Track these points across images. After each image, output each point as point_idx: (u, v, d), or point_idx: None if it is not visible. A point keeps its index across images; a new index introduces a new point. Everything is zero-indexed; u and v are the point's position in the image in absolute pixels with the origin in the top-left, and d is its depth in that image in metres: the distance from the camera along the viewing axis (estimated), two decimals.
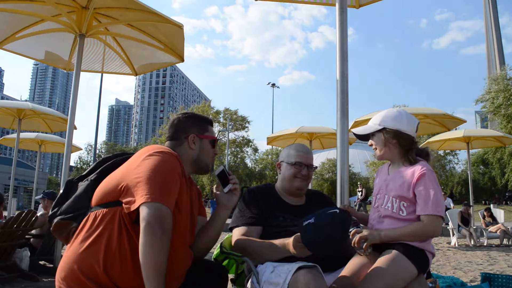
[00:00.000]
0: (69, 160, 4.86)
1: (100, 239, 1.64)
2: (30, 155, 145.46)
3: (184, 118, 2.08)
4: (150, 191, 1.58)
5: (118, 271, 1.62)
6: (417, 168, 1.91)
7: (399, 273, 1.78)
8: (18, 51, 5.40)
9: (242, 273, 2.28)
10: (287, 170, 2.35)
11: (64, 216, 1.82)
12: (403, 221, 1.90)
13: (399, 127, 2.00)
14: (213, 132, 2.12)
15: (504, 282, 2.97)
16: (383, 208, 1.98)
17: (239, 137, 45.42)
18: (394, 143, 2.01)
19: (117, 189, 1.69)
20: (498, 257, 7.47)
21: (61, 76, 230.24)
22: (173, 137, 2.04)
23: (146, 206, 1.55)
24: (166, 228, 1.54)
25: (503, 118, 29.17)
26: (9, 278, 4.39)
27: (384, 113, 2.06)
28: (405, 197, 1.90)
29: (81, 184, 1.92)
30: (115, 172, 1.81)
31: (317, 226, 1.72)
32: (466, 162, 36.81)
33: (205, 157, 2.02)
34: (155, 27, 5.04)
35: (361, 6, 3.91)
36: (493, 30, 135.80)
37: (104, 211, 1.69)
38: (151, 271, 1.49)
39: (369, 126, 2.10)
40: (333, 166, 46.73)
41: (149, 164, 1.68)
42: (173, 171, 1.72)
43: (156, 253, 1.50)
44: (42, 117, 9.33)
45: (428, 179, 1.87)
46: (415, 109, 9.60)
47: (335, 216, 1.75)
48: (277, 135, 11.98)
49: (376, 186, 2.11)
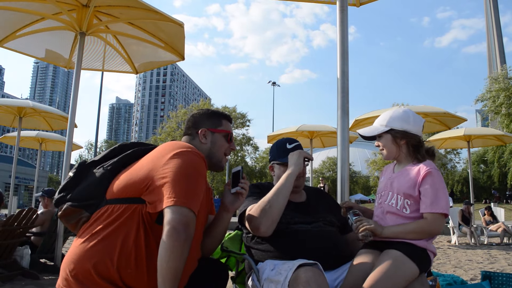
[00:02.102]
0: (69, 158, 4.87)
1: (116, 236, 1.60)
2: (30, 153, 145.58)
3: (198, 113, 2.05)
4: (178, 194, 1.54)
5: (133, 271, 1.59)
6: (422, 167, 1.92)
7: (402, 274, 1.78)
8: (19, 49, 5.41)
9: (243, 271, 2.28)
10: (282, 171, 2.26)
11: (75, 203, 1.75)
12: (406, 218, 1.91)
13: (406, 128, 2.00)
14: (229, 126, 2.05)
15: (505, 280, 2.96)
16: (386, 205, 1.98)
17: (239, 135, 45.41)
18: (402, 144, 2.02)
19: (141, 185, 1.64)
20: (499, 256, 7.48)
21: (62, 74, 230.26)
22: (186, 132, 2.02)
23: (172, 210, 1.52)
24: (189, 234, 1.52)
25: (504, 117, 29.16)
26: (9, 276, 4.40)
27: (390, 114, 2.06)
28: (410, 195, 1.91)
29: (96, 171, 1.82)
30: (139, 165, 1.74)
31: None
32: (466, 161, 36.78)
33: (217, 152, 1.98)
34: (156, 25, 5.03)
35: (361, 4, 3.90)
36: (494, 29, 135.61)
37: (123, 206, 1.64)
38: (168, 276, 1.46)
39: (375, 127, 2.09)
40: (333, 165, 46.81)
41: (177, 164, 1.63)
42: (200, 174, 1.68)
43: (177, 259, 1.47)
44: (43, 115, 9.35)
45: (434, 178, 1.88)
46: (416, 108, 9.60)
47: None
48: (278, 133, 11.98)
49: (381, 184, 2.11)
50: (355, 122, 9.25)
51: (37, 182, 13.48)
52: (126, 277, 1.58)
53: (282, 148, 2.34)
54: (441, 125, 9.91)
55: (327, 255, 2.03)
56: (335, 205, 2.43)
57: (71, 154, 4.92)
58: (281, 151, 2.33)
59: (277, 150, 2.36)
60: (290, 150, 2.28)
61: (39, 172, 14.88)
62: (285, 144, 2.34)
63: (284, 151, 2.31)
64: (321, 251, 2.02)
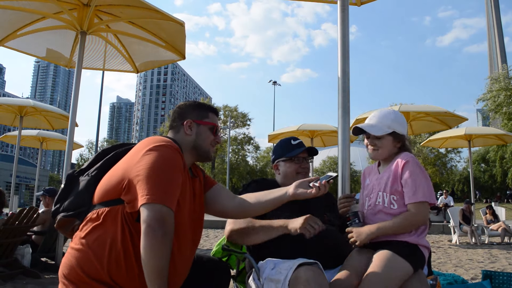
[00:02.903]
0: (70, 158, 4.86)
1: (103, 239, 1.61)
2: (31, 152, 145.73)
3: (184, 104, 2.03)
4: (150, 191, 1.54)
5: (123, 272, 1.60)
6: (400, 159, 1.97)
7: (394, 273, 1.77)
8: (20, 48, 5.41)
9: (243, 270, 2.29)
10: (287, 168, 2.36)
11: (67, 213, 1.79)
12: (395, 215, 1.92)
13: (403, 132, 2.09)
14: (215, 119, 2.02)
15: (505, 279, 2.96)
16: (374, 205, 2.01)
17: (240, 135, 45.42)
18: (397, 146, 2.08)
19: (118, 187, 1.65)
20: (499, 255, 7.47)
21: (63, 73, 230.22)
22: (172, 125, 1.99)
23: (146, 208, 1.52)
24: (167, 230, 1.51)
25: (504, 116, 29.14)
26: (10, 274, 4.41)
27: (393, 117, 2.10)
28: (395, 190, 1.94)
29: (82, 179, 1.86)
30: (116, 167, 1.76)
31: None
32: (467, 160, 36.76)
33: (203, 143, 1.94)
34: (156, 25, 5.03)
35: (362, 3, 3.89)
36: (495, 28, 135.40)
37: (106, 210, 1.66)
38: (153, 274, 1.47)
39: (379, 127, 2.09)
40: (334, 164, 46.79)
41: (149, 160, 1.62)
42: (173, 167, 1.67)
43: (157, 256, 1.47)
44: (44, 115, 9.36)
45: (412, 167, 1.92)
46: (417, 107, 9.61)
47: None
48: (279, 132, 11.98)
49: (368, 187, 2.12)
50: (356, 122, 9.24)
51: (38, 181, 13.52)
52: (118, 278, 1.60)
53: (287, 144, 2.42)
54: (442, 124, 9.91)
55: (327, 254, 2.04)
56: (335, 204, 2.43)
57: (72, 153, 4.91)
58: (285, 148, 2.41)
59: (282, 148, 2.43)
60: (296, 146, 2.38)
61: (40, 171, 14.90)
62: (290, 141, 2.43)
63: (290, 146, 2.39)
64: (321, 250, 2.03)
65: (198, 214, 1.92)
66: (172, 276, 1.61)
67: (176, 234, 1.63)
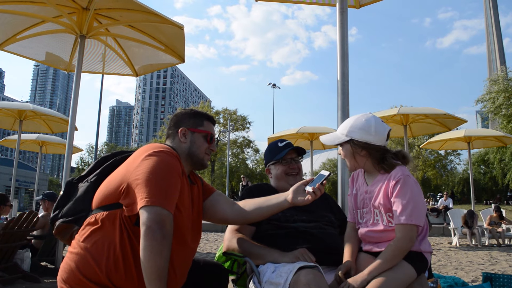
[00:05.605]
0: (70, 161, 4.86)
1: (101, 242, 1.63)
2: (31, 156, 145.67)
3: (180, 113, 2.06)
4: (150, 194, 1.56)
5: (122, 275, 1.61)
6: (392, 177, 1.85)
7: (399, 278, 1.77)
8: (19, 52, 5.42)
9: (244, 274, 2.28)
10: (277, 170, 2.37)
11: (65, 219, 1.81)
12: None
13: (367, 139, 1.89)
14: (211, 127, 2.05)
15: (506, 282, 2.96)
16: (373, 224, 1.93)
17: (239, 138, 45.44)
18: (363, 155, 1.93)
19: (117, 191, 1.67)
20: (500, 257, 7.46)
21: (62, 77, 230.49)
22: (168, 133, 2.03)
23: (145, 210, 1.53)
24: (166, 232, 1.53)
25: (503, 118, 29.17)
26: (10, 279, 4.39)
27: (352, 122, 1.95)
28: (389, 209, 1.86)
29: (81, 185, 1.89)
30: (115, 172, 1.78)
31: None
32: (467, 162, 36.76)
33: (196, 151, 1.96)
34: (156, 28, 5.04)
35: (361, 6, 3.91)
36: (494, 30, 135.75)
37: (105, 214, 1.67)
38: (152, 276, 1.48)
39: (336, 135, 2.00)
40: (334, 167, 46.77)
41: (148, 165, 1.65)
42: (172, 171, 1.69)
43: (157, 258, 1.48)
44: (43, 118, 9.38)
45: (402, 186, 1.80)
46: (416, 109, 9.61)
47: None
48: (278, 135, 11.99)
49: (359, 198, 2.01)
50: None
51: (37, 185, 13.51)
52: (117, 281, 1.60)
53: (274, 148, 2.44)
54: (441, 126, 9.93)
55: (327, 255, 2.04)
56: (335, 205, 2.46)
57: (71, 157, 4.91)
58: (274, 151, 2.42)
59: (270, 152, 2.45)
60: (282, 148, 2.39)
61: (40, 175, 14.89)
62: (277, 144, 2.45)
63: (277, 149, 2.41)
64: (321, 251, 2.03)
65: (197, 221, 1.94)
66: (170, 280, 1.61)
67: (175, 239, 1.64)
